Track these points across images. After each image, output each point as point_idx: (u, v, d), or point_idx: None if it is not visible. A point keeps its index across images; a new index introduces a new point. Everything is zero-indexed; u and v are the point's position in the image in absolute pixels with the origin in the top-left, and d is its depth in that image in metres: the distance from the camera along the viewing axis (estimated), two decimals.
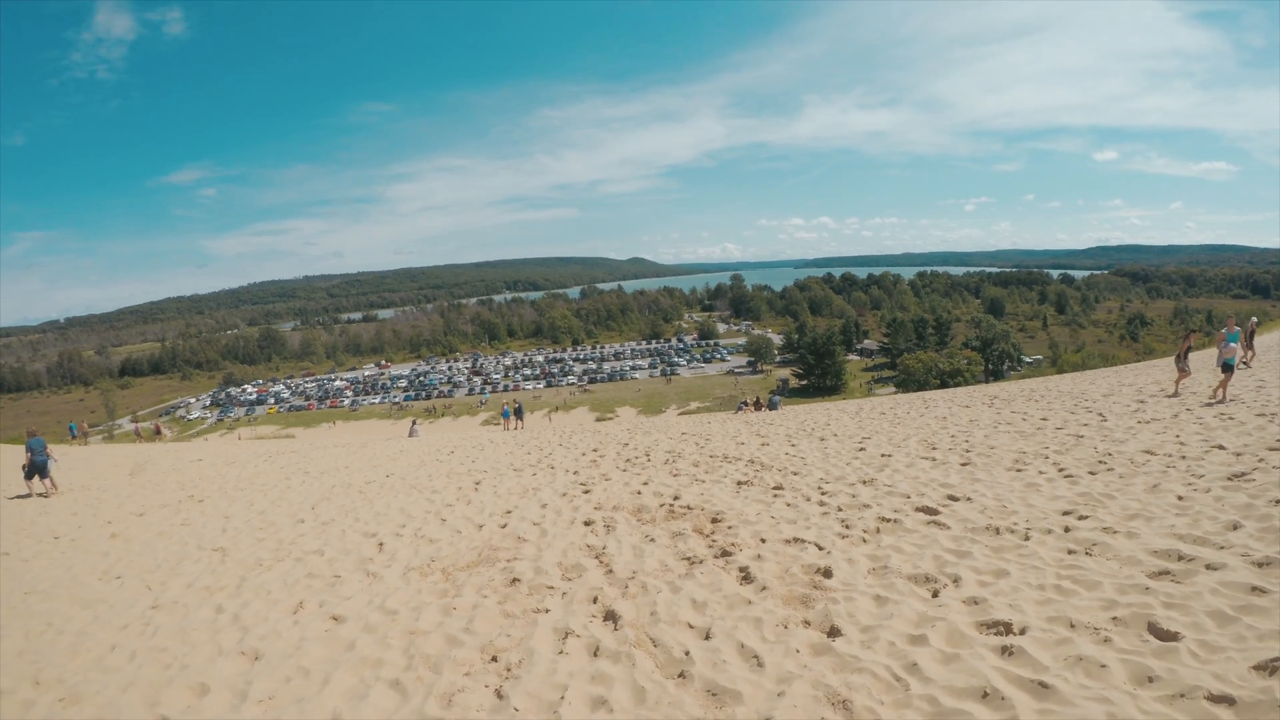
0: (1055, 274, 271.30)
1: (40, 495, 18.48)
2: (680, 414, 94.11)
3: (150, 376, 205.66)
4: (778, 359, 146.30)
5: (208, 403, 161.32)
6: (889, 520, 8.83)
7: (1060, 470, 10.78)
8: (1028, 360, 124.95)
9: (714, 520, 9.50)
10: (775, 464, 13.82)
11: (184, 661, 6.57)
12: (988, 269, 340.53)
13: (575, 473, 15.17)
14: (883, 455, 13.85)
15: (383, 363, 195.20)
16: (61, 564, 10.89)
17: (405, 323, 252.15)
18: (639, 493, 11.91)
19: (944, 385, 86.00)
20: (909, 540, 7.98)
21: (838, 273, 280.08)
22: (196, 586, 8.96)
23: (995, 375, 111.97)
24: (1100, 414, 16.41)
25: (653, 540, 8.77)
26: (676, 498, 11.18)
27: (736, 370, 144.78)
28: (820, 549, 7.94)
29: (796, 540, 8.25)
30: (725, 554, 8.01)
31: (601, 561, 8.17)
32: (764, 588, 6.90)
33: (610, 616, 6.58)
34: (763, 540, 8.37)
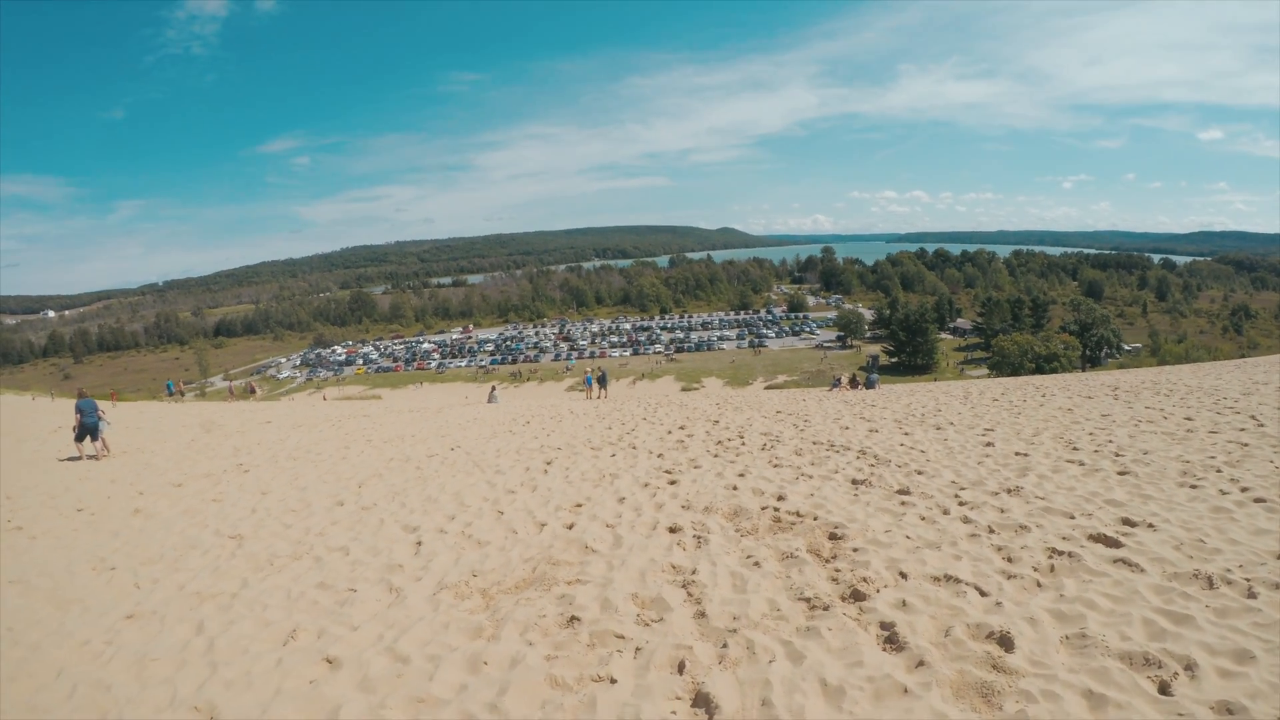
0: (1156, 258, 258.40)
1: (90, 458, 17.63)
2: (767, 387, 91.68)
3: (243, 337, 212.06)
4: (868, 334, 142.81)
5: (298, 362, 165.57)
6: (1061, 553, 6.67)
7: (1244, 490, 8.59)
8: (1126, 348, 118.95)
9: (832, 537, 7.42)
10: (892, 458, 11.67)
11: (121, 715, 4.97)
12: (1085, 250, 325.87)
13: (660, 455, 13.23)
14: (1017, 454, 11.59)
15: (464, 328, 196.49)
16: (66, 545, 9.52)
17: (494, 288, 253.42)
18: (734, 488, 9.89)
19: (1039, 370, 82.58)
20: (1098, 589, 5.86)
21: (931, 248, 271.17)
22: (189, 590, 7.36)
23: (1093, 363, 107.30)
24: (1253, 417, 14.02)
25: (757, 565, 6.72)
26: (781, 498, 9.14)
27: (825, 345, 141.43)
28: (983, 594, 5.86)
29: (949, 579, 6.16)
30: (857, 595, 5.93)
31: (691, 594, 6.14)
32: (921, 662, 4.82)
33: (702, 703, 4.55)
34: (903, 575, 6.29)
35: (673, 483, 10.66)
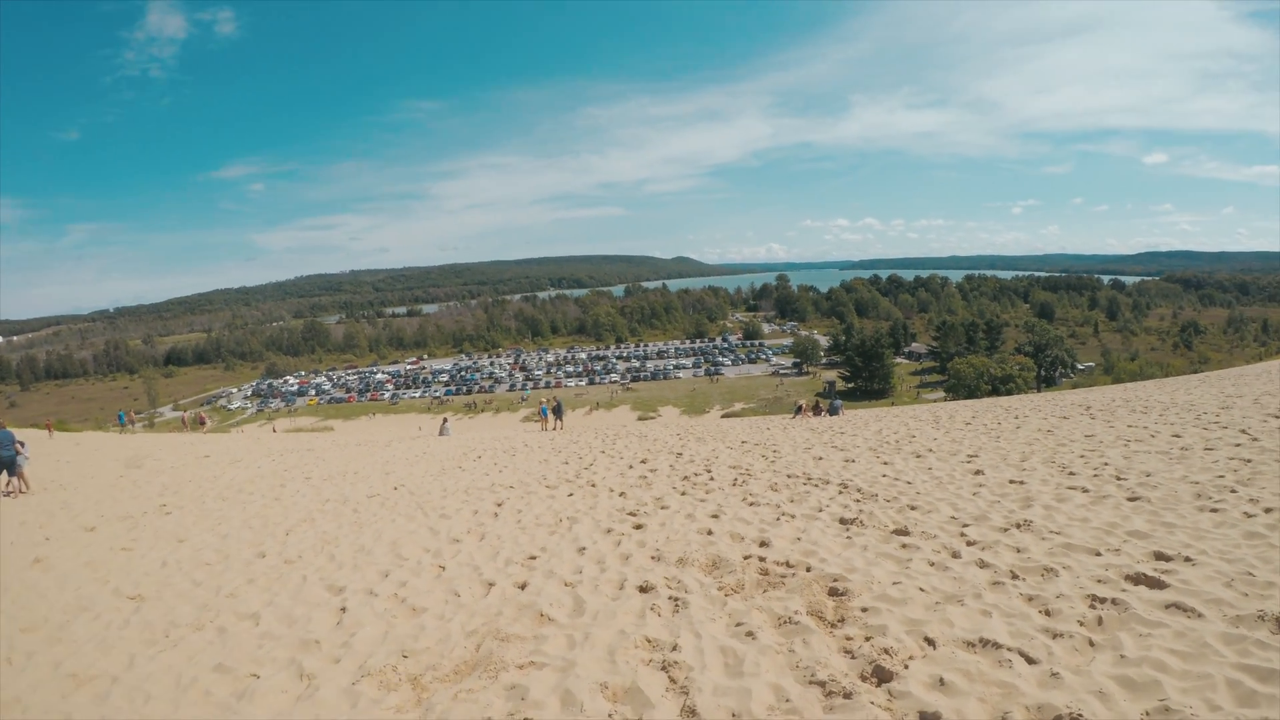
0: (1105, 279, 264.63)
1: (5, 495, 16.07)
2: (724, 416, 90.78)
3: (194, 366, 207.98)
4: (824, 361, 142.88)
5: (249, 393, 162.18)
6: (1103, 600, 5.65)
7: (1267, 510, 7.84)
8: (1080, 367, 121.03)
9: (834, 593, 6.27)
10: (878, 491, 10.59)
11: None
12: (1036, 273, 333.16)
13: (622, 494, 12.02)
14: (1011, 482, 10.62)
15: (416, 359, 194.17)
16: None
17: (449, 317, 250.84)
18: (709, 532, 8.74)
19: (995, 391, 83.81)
20: (1161, 644, 4.79)
21: (884, 274, 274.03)
22: (64, 670, 5.97)
23: (1048, 382, 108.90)
24: (1244, 431, 13.51)
25: (751, 635, 5.50)
26: (764, 544, 8.01)
27: (782, 371, 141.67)
28: (1031, 662, 4.74)
29: (986, 643, 5.03)
30: (881, 674, 4.74)
31: (674, 680, 4.90)
32: None
33: None
34: (929, 641, 5.16)
35: (639, 527, 9.50)
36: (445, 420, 38.21)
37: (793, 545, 7.91)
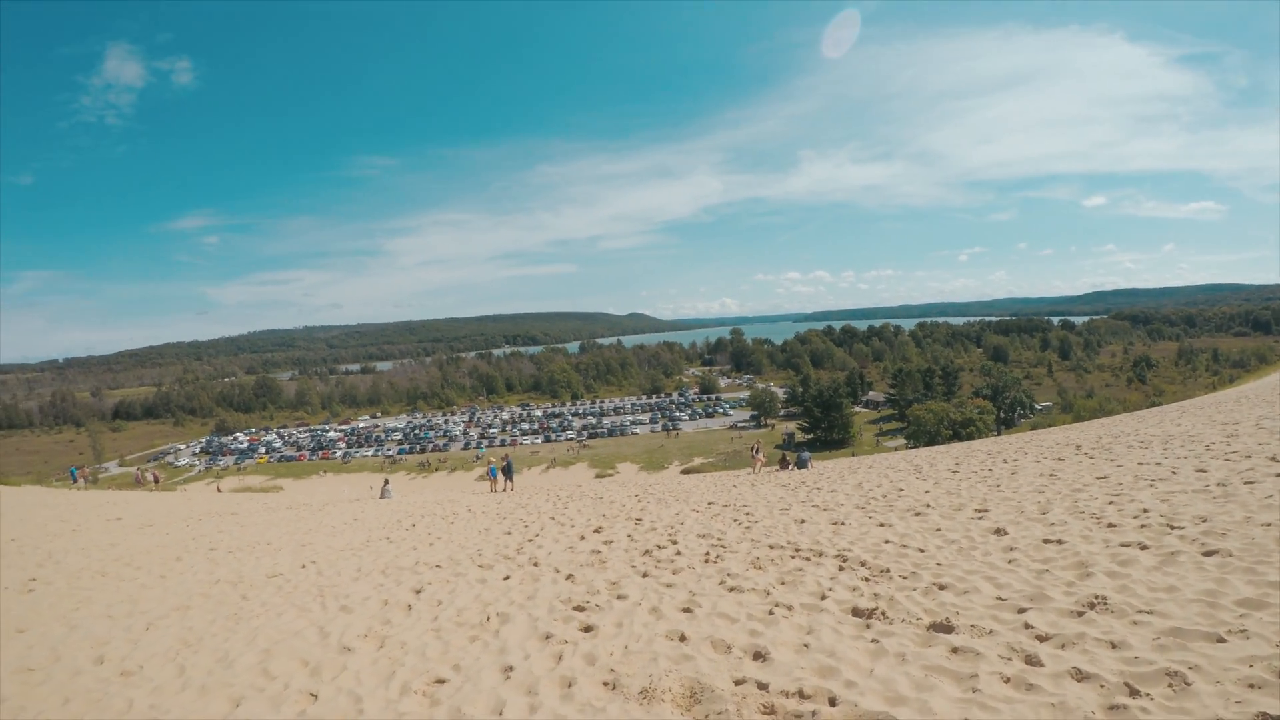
0: (1055, 320, 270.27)
1: None
2: (684, 471, 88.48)
3: (143, 420, 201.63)
4: (781, 413, 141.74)
5: (197, 450, 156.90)
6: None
7: None
8: (1039, 407, 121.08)
9: None
10: (889, 565, 8.48)
11: None
12: (987, 318, 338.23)
13: (569, 578, 9.71)
14: (1047, 541, 8.70)
15: (363, 418, 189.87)
16: None
17: (403, 375, 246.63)
18: (682, 638, 6.55)
19: (957, 436, 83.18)
20: None
21: (837, 325, 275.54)
22: None
23: (1007, 424, 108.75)
24: (1273, 458, 12.26)
25: None
26: (760, 656, 5.85)
27: (740, 424, 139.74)
28: None
29: None
30: None
31: None
32: None
33: None
34: None
35: (588, 629, 7.23)
36: (386, 482, 35.62)
37: (800, 657, 5.78)
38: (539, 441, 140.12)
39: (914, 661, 5.49)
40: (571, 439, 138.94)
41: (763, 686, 5.26)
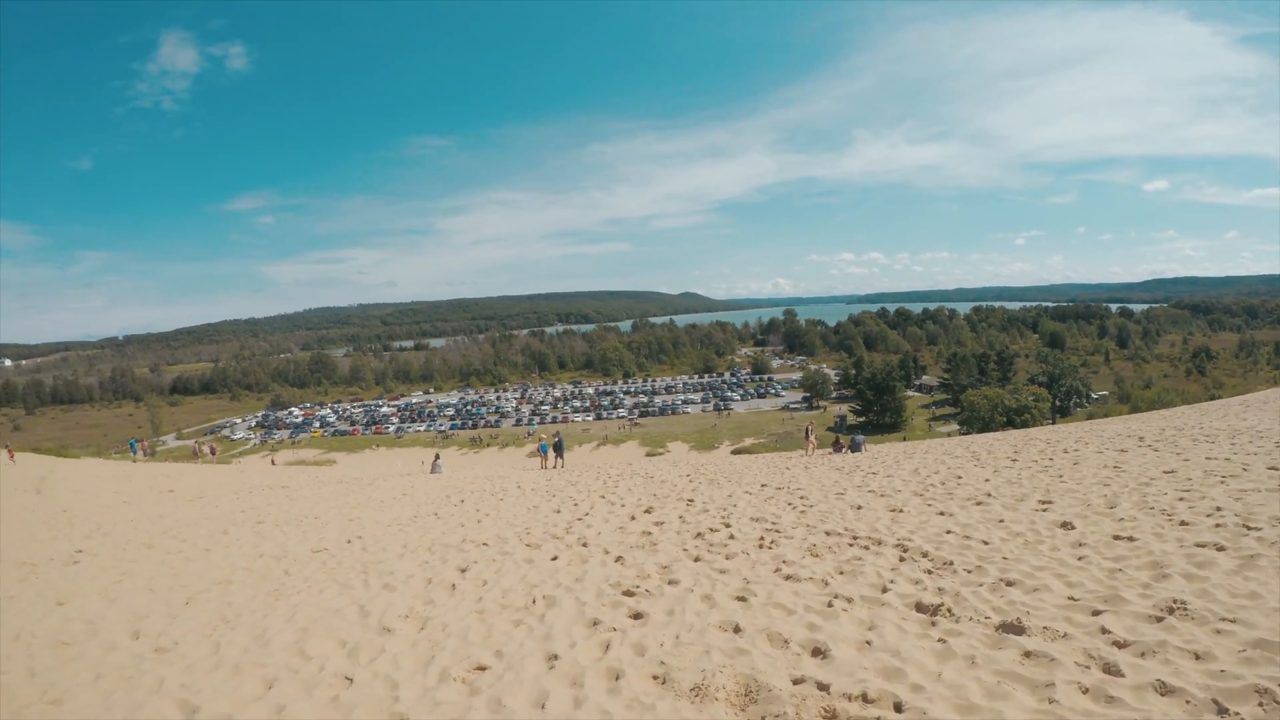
0: (1113, 308, 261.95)
1: None
2: (734, 451, 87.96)
3: (200, 395, 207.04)
4: (834, 395, 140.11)
5: (253, 424, 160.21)
6: None
7: None
8: (1095, 397, 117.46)
9: None
10: (952, 557, 8.05)
11: None
12: (1043, 303, 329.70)
13: (619, 560, 9.46)
14: (1118, 538, 8.16)
15: (416, 394, 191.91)
16: None
17: (455, 352, 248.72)
18: (737, 630, 6.21)
19: (1010, 423, 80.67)
20: None
21: (891, 308, 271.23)
22: None
23: (1063, 413, 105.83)
24: None
25: None
26: (820, 653, 5.49)
27: (792, 405, 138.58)
28: None
29: None
30: None
31: None
32: None
33: None
34: None
35: (637, 616, 6.93)
36: (437, 456, 35.79)
37: (862, 656, 5.41)
38: (590, 419, 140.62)
39: (985, 665, 5.10)
40: (623, 417, 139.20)
41: (823, 687, 4.90)
